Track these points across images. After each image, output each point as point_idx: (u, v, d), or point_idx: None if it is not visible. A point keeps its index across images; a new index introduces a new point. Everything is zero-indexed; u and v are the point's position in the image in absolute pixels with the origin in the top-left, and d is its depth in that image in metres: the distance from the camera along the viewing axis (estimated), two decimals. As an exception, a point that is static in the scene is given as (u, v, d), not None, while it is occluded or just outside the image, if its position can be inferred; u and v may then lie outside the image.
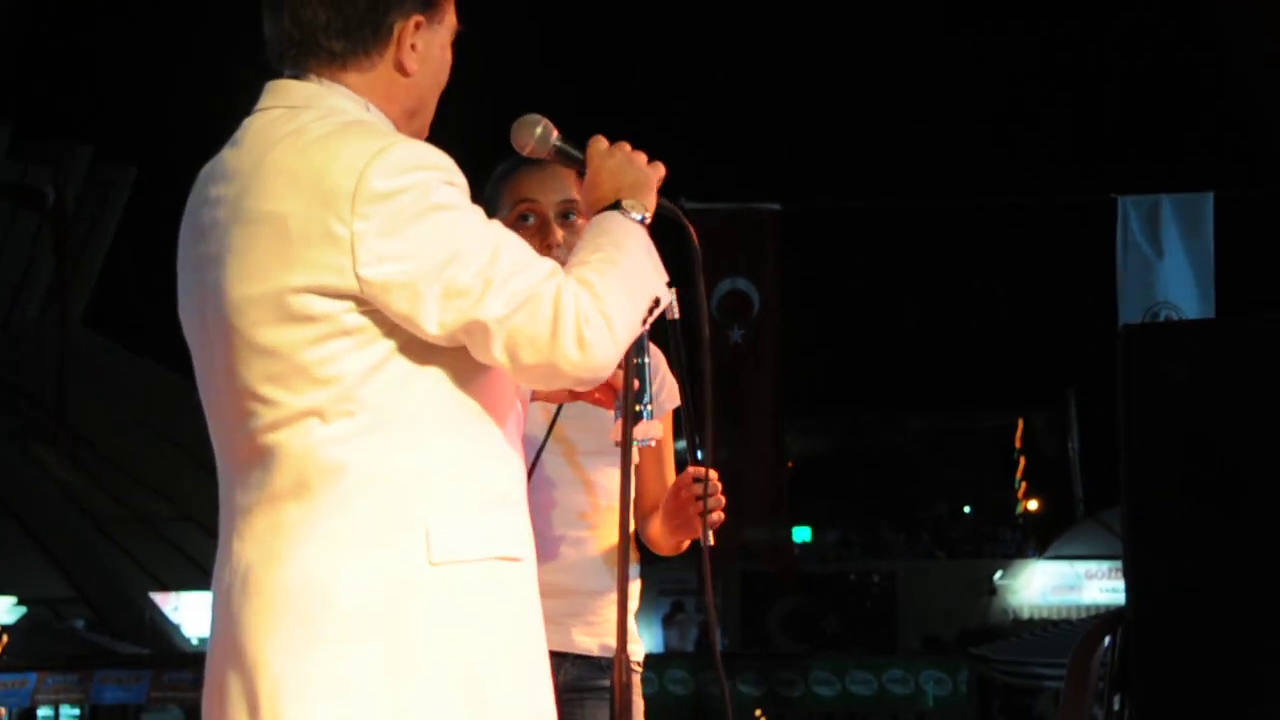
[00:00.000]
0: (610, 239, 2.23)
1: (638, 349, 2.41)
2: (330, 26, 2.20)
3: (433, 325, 2.08)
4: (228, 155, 2.22)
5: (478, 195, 2.24)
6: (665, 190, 2.36)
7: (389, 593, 2.09)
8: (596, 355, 2.12)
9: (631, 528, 2.83)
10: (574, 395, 2.68)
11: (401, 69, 2.23)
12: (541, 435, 2.93)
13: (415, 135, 2.26)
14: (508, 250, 2.12)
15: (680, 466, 3.06)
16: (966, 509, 39.21)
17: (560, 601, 2.83)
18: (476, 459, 2.17)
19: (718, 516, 2.79)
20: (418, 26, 2.23)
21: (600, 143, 2.34)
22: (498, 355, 2.10)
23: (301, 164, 2.11)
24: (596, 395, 2.61)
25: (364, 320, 2.10)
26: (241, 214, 2.15)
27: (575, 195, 2.82)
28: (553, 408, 2.93)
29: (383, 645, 2.08)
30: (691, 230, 2.40)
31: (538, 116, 2.37)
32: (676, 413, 3.08)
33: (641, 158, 2.33)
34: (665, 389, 3.02)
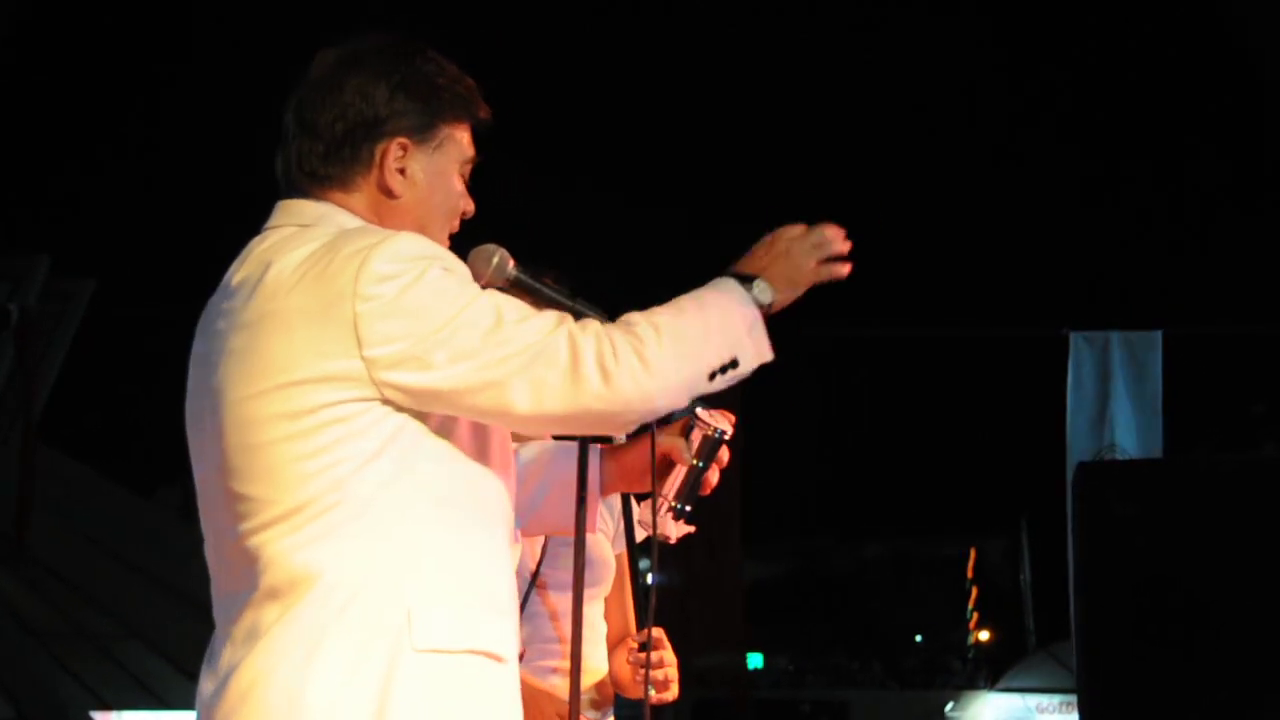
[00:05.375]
0: (695, 298, 2.23)
1: (703, 453, 2.43)
2: (314, 153, 2.27)
3: (444, 386, 2.09)
4: (234, 271, 2.25)
5: None
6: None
7: (368, 682, 2.07)
8: (623, 386, 2.11)
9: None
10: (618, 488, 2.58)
11: (387, 191, 2.27)
12: (529, 570, 2.94)
13: None
14: (511, 311, 2.14)
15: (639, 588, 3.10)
16: (919, 638, 39.05)
17: None
18: (464, 556, 2.16)
19: (670, 695, 2.85)
20: (403, 149, 2.27)
21: (792, 228, 2.33)
22: (521, 408, 2.10)
23: (306, 265, 2.15)
24: (633, 484, 2.56)
25: (362, 408, 2.11)
26: (245, 318, 2.18)
27: None
28: (539, 543, 2.96)
29: None
30: None
31: (494, 246, 2.38)
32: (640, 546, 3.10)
33: (811, 258, 2.30)
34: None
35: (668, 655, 3.02)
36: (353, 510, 2.11)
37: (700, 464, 2.45)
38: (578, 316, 2.31)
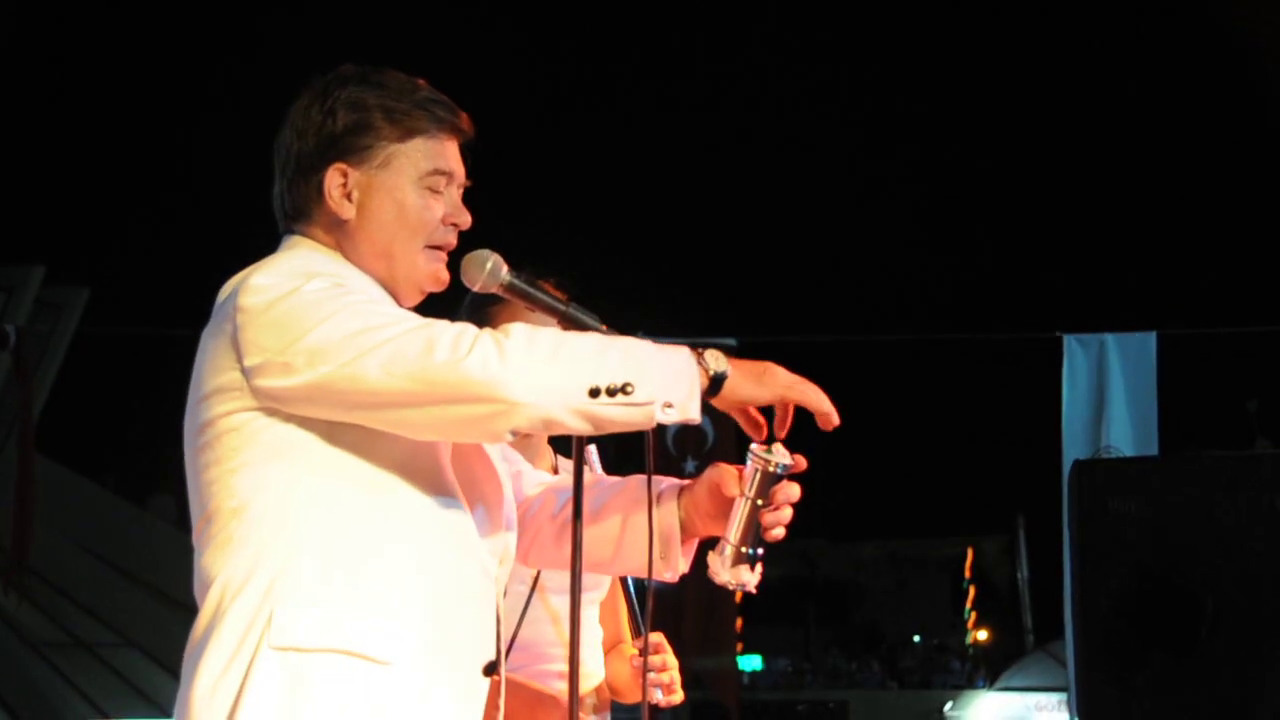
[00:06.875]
0: (612, 338, 2.19)
1: (759, 490, 2.30)
2: (281, 191, 2.37)
3: (306, 387, 2.13)
4: None
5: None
6: (622, 325, 2.34)
7: (234, 679, 2.14)
8: (470, 365, 2.06)
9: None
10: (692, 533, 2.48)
11: (336, 218, 2.32)
12: (530, 574, 2.95)
13: (391, 279, 2.34)
14: (379, 317, 2.15)
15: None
16: (917, 638, 39.07)
17: None
18: (352, 559, 2.18)
19: (676, 698, 2.85)
20: (342, 174, 2.32)
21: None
22: (373, 377, 2.09)
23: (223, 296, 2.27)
24: (709, 529, 2.45)
25: (249, 417, 2.19)
26: None
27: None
28: None
29: None
30: None
31: (487, 252, 2.34)
32: None
33: (789, 380, 2.26)
34: None
35: (670, 659, 3.03)
36: (247, 516, 2.19)
37: (758, 501, 2.31)
38: (570, 322, 2.30)
